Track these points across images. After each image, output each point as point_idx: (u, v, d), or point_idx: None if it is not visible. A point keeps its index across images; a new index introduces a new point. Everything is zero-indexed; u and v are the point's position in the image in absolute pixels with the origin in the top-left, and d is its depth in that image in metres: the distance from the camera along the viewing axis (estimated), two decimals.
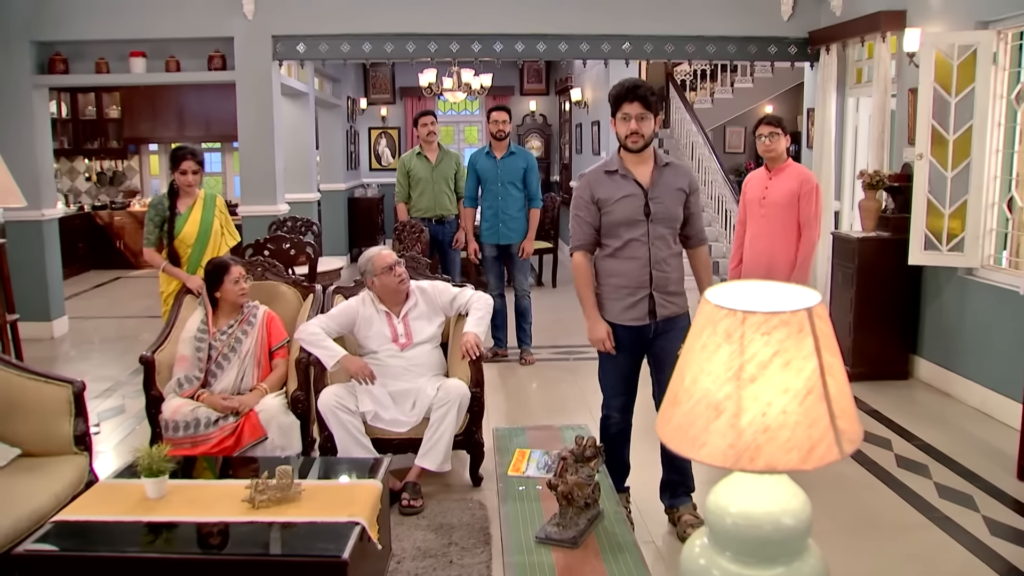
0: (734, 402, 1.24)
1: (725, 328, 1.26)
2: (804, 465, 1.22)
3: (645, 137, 3.33)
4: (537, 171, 6.51)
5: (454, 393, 3.96)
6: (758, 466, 1.23)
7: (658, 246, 3.39)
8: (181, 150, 4.90)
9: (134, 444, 4.47)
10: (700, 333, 1.31)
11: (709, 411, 1.26)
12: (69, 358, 6.90)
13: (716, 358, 1.26)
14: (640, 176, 3.39)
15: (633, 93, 3.29)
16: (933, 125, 5.35)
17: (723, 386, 1.25)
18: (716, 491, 1.47)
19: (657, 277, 3.40)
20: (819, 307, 1.28)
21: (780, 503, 1.40)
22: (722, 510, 1.43)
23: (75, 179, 11.90)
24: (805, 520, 1.41)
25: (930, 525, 3.73)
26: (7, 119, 7.15)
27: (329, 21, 7.29)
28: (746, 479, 1.42)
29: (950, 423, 5.05)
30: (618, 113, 3.34)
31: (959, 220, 5.33)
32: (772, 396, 1.23)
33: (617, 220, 3.39)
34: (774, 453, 1.22)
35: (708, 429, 1.26)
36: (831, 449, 1.24)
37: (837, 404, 1.27)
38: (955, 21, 5.45)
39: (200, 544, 2.61)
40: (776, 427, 1.23)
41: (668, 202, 3.40)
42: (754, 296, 1.35)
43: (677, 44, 7.48)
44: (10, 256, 7.10)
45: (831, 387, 1.26)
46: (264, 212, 7.44)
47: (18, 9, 7.02)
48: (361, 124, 13.80)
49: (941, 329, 5.66)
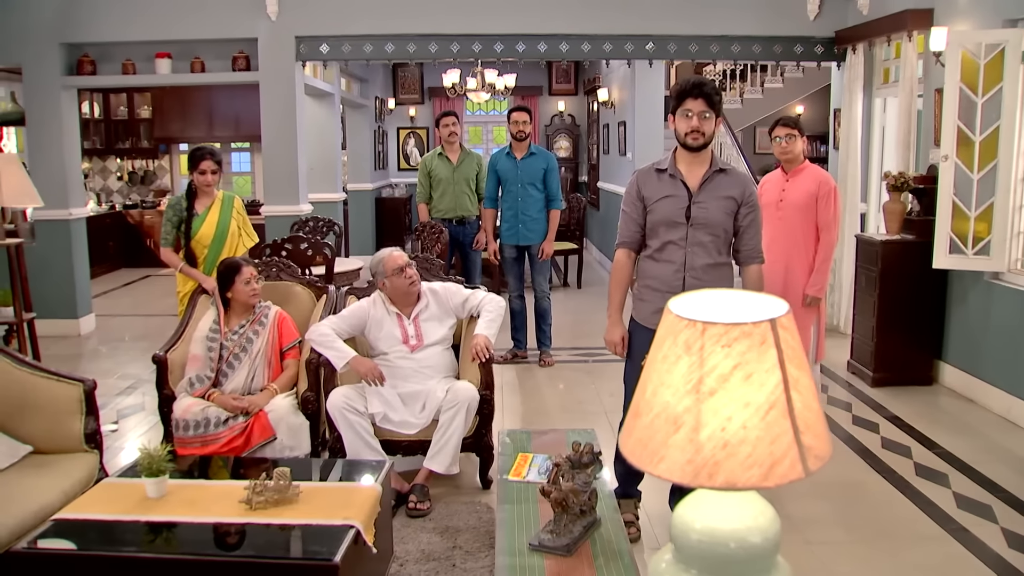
0: (693, 416, 1.20)
1: (685, 339, 1.22)
2: (765, 482, 1.18)
3: (706, 136, 3.21)
4: (558, 172, 6.47)
5: (463, 396, 3.94)
6: (717, 483, 1.19)
7: (696, 252, 3.30)
8: (200, 150, 4.93)
9: (153, 442, 4.52)
10: (662, 344, 1.27)
11: (668, 424, 1.23)
12: (93, 355, 6.99)
13: (676, 370, 1.23)
14: (690, 178, 3.30)
15: (699, 89, 3.16)
16: (959, 126, 5.23)
17: (682, 399, 1.21)
18: (682, 506, 1.43)
19: (691, 284, 3.30)
20: (784, 318, 1.24)
21: (747, 520, 1.35)
22: (687, 526, 1.39)
23: (107, 178, 12.08)
24: (773, 538, 1.36)
25: (946, 536, 3.63)
26: (37, 120, 7.29)
27: (352, 22, 7.32)
28: (712, 494, 1.38)
29: (973, 431, 4.94)
30: (679, 109, 3.21)
31: (985, 223, 5.21)
32: (732, 410, 1.19)
33: (658, 220, 3.33)
34: (734, 469, 1.18)
35: (667, 443, 1.22)
36: (795, 466, 1.20)
37: (802, 419, 1.22)
38: (983, 19, 5.33)
39: (194, 545, 2.61)
40: (736, 442, 1.19)
41: (713, 209, 3.29)
42: (721, 306, 1.31)
43: (701, 44, 7.39)
44: (38, 254, 7.26)
45: (796, 401, 1.21)
46: (287, 212, 7.48)
47: (47, 12, 7.13)
48: (390, 124, 13.86)
49: (966, 334, 5.54)
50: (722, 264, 3.38)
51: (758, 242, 3.41)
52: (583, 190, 13.50)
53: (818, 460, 1.23)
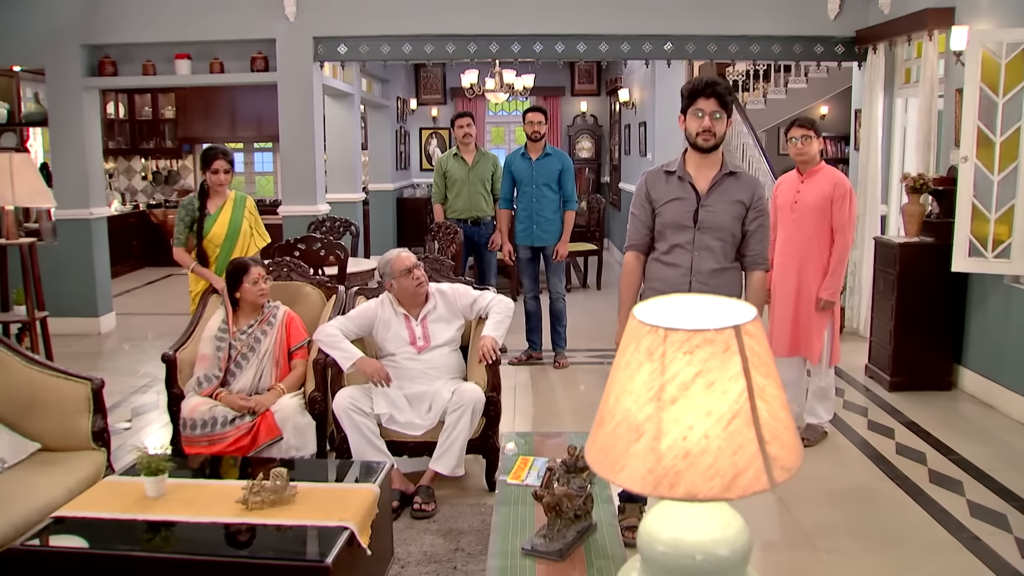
0: (654, 424, 1.17)
1: (647, 346, 1.19)
2: (727, 494, 1.15)
3: (717, 136, 3.14)
4: (573, 173, 6.44)
5: (468, 397, 3.93)
6: (678, 493, 1.16)
7: (703, 256, 3.25)
8: (212, 150, 4.96)
9: (165, 440, 4.56)
10: (625, 350, 1.25)
11: (630, 433, 1.20)
12: (111, 354, 7.06)
13: (638, 377, 1.20)
14: (699, 181, 3.24)
15: (711, 89, 3.10)
16: (979, 127, 5.13)
17: (644, 407, 1.18)
18: (650, 515, 1.40)
19: (697, 288, 3.25)
20: (750, 324, 1.20)
21: (714, 532, 1.32)
22: (653, 537, 1.35)
23: (132, 178, 12.21)
24: (741, 550, 1.33)
25: (958, 546, 3.56)
26: (59, 120, 7.39)
27: (370, 22, 7.33)
28: (681, 504, 1.35)
29: (991, 437, 4.85)
30: (690, 108, 3.14)
31: (1006, 225, 5.11)
32: (694, 419, 1.16)
33: (665, 222, 3.28)
34: (695, 480, 1.15)
35: (628, 452, 1.20)
36: (759, 477, 1.16)
37: (768, 429, 1.19)
38: (1005, 18, 5.23)
39: (187, 545, 2.62)
40: (697, 452, 1.16)
41: (721, 212, 3.23)
42: (687, 312, 1.28)
43: (720, 44, 7.32)
44: (60, 253, 7.36)
45: (762, 411, 1.18)
46: (304, 212, 7.51)
47: (70, 14, 7.22)
48: (412, 124, 13.89)
49: (986, 338, 5.44)
50: (729, 269, 3.32)
51: (764, 248, 3.34)
52: (605, 191, 13.44)
53: (785, 471, 1.20)
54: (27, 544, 2.60)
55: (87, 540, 2.65)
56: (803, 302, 4.63)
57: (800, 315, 4.64)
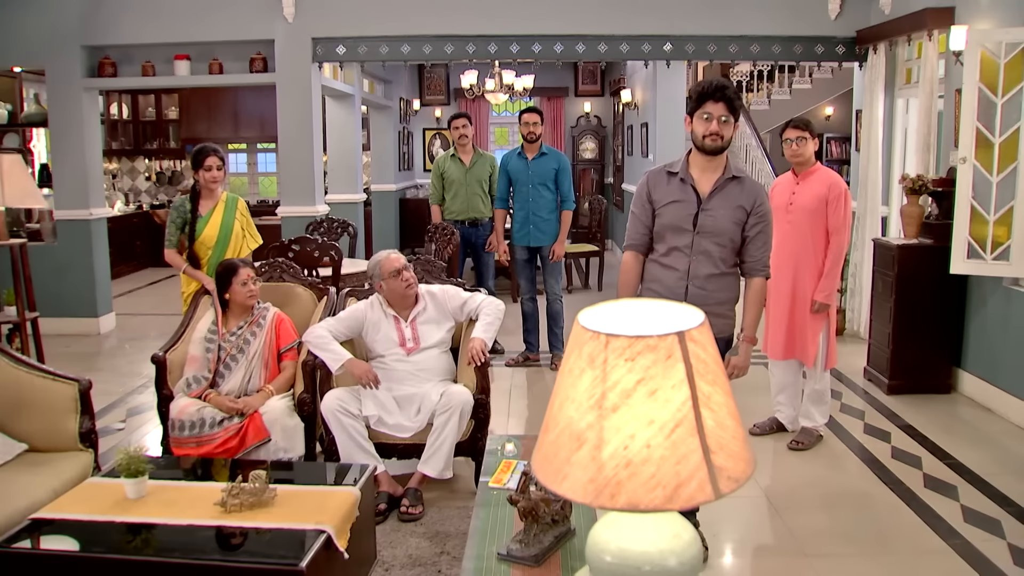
0: (596, 433, 1.15)
1: (589, 352, 1.16)
2: (670, 505, 1.12)
3: (724, 140, 3.09)
4: (570, 172, 6.41)
5: (456, 399, 3.91)
6: (619, 503, 1.13)
7: (700, 261, 3.20)
8: (203, 148, 4.97)
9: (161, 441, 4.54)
10: (569, 356, 1.22)
11: (572, 441, 1.17)
12: (110, 354, 7.06)
13: (580, 384, 1.17)
14: (701, 184, 3.19)
15: (721, 92, 3.05)
16: (978, 127, 5.08)
17: (585, 415, 1.16)
18: (599, 524, 1.37)
19: (693, 293, 3.20)
20: (695, 331, 1.17)
21: (661, 542, 1.29)
22: (600, 547, 1.32)
23: (135, 179, 12.24)
24: (690, 561, 1.29)
25: (949, 551, 3.52)
26: (59, 121, 7.40)
27: (368, 23, 7.32)
28: (629, 514, 1.32)
29: (988, 441, 4.80)
30: (699, 111, 3.09)
31: (1005, 227, 5.06)
32: (635, 428, 1.13)
33: (664, 224, 3.23)
34: (636, 490, 1.12)
35: (570, 461, 1.17)
36: (703, 488, 1.13)
37: (714, 438, 1.16)
38: (1005, 18, 5.18)
39: (163, 548, 2.60)
40: (639, 462, 1.13)
41: (721, 217, 3.17)
42: (634, 317, 1.25)
43: (720, 44, 7.29)
44: (60, 254, 7.38)
45: (707, 420, 1.15)
46: (303, 213, 7.50)
47: (69, 15, 7.23)
48: (415, 125, 13.87)
49: (985, 341, 5.38)
50: (727, 274, 3.25)
51: (765, 254, 3.26)
52: (609, 192, 13.40)
53: (732, 482, 1.16)
54: (2, 545, 2.59)
55: (63, 542, 2.64)
56: (798, 304, 4.59)
57: (795, 318, 4.60)
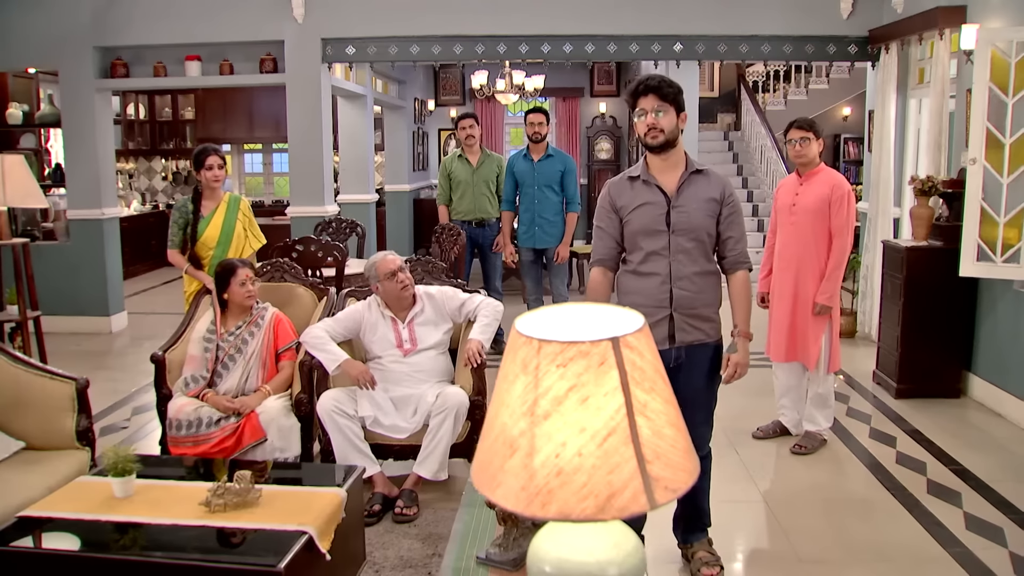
0: (528, 440, 1.12)
1: (522, 357, 1.14)
2: (602, 515, 1.10)
3: (666, 132, 3.01)
4: (575, 174, 6.38)
5: (452, 401, 3.89)
6: (551, 513, 1.11)
7: (681, 260, 3.09)
8: (204, 149, 4.98)
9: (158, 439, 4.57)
10: (504, 362, 1.20)
11: (505, 448, 1.15)
12: (120, 352, 7.12)
13: (513, 390, 1.15)
14: (665, 183, 3.11)
15: (645, 86, 3.00)
16: (988, 128, 5.00)
17: (518, 422, 1.13)
18: (540, 534, 1.35)
19: (679, 296, 3.10)
20: (632, 337, 1.15)
21: (599, 553, 1.26)
22: (540, 556, 1.30)
23: (152, 178, 12.35)
24: (632, 571, 1.26)
25: (948, 560, 3.45)
26: (72, 121, 7.47)
27: (378, 24, 7.33)
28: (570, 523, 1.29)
29: (996, 446, 4.72)
30: (634, 112, 3.05)
31: (1015, 229, 4.97)
32: (567, 436, 1.11)
33: (636, 229, 3.12)
34: (567, 499, 1.10)
35: (503, 468, 1.15)
36: (637, 498, 1.11)
37: (650, 448, 1.13)
38: (1018, 16, 5.09)
39: (145, 547, 2.61)
40: (570, 470, 1.10)
41: (694, 213, 3.09)
42: (572, 322, 1.23)
43: (730, 44, 7.23)
44: (72, 253, 7.44)
45: (643, 428, 1.12)
46: (312, 213, 7.53)
47: (82, 16, 7.30)
48: (430, 125, 13.87)
49: (995, 345, 5.30)
50: (710, 272, 3.18)
51: (743, 245, 3.20)
52: None
53: (669, 492, 1.14)
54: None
55: (48, 540, 2.65)
56: (800, 306, 4.53)
57: (797, 320, 4.55)
